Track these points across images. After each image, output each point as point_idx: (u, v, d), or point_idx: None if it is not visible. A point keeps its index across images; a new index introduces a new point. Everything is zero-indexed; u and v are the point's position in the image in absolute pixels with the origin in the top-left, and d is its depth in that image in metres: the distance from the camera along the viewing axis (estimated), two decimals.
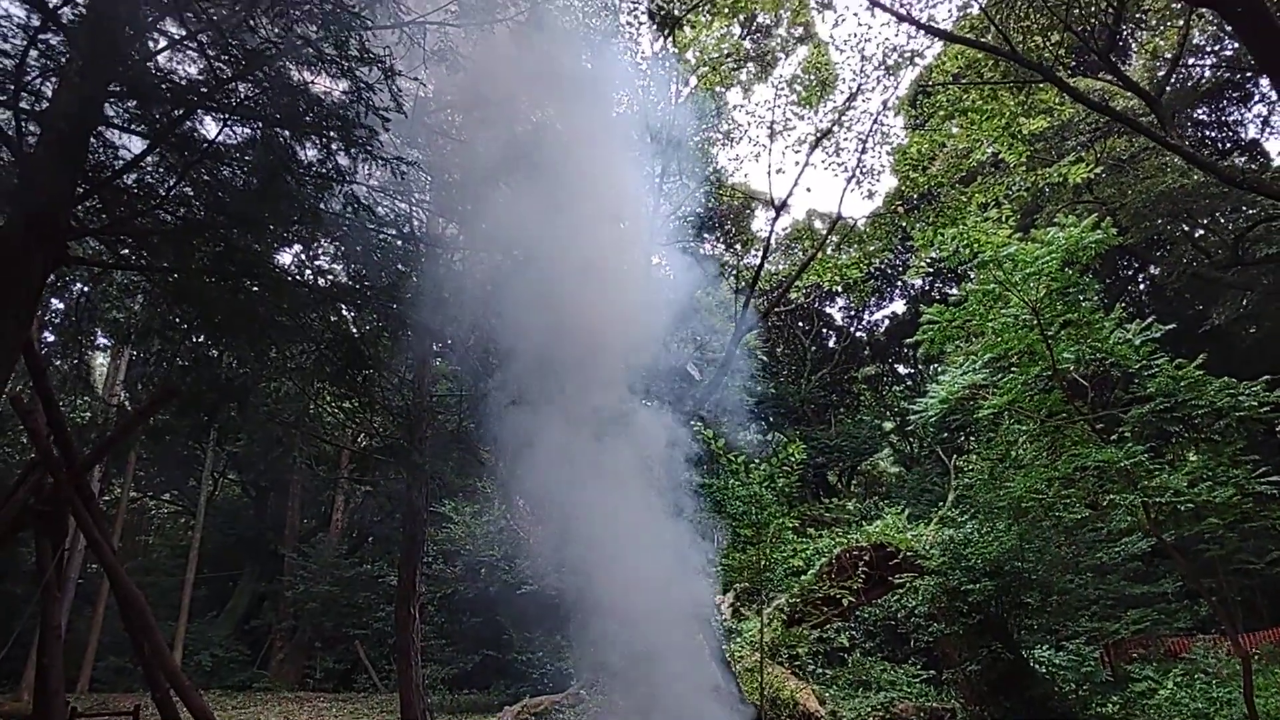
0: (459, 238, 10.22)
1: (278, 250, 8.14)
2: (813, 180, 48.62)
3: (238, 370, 8.07)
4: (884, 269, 25.36)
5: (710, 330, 18.64)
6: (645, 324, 9.13)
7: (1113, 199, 18.75)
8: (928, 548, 13.14)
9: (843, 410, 28.93)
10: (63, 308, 10.45)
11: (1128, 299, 22.17)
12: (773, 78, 16.60)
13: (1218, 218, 20.12)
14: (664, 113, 14.82)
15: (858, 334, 30.65)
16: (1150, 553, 13.95)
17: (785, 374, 28.04)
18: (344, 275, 8.24)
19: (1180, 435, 11.71)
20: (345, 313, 9.00)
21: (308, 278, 7.86)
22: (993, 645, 11.90)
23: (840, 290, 23.44)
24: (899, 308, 29.46)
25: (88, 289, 8.67)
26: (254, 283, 7.07)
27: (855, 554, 13.46)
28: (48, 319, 11.19)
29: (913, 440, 27.76)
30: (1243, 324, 20.72)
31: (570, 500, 8.24)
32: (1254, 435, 10.12)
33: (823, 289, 22.44)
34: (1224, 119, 20.83)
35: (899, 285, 28.18)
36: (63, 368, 10.20)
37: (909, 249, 21.06)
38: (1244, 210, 18.82)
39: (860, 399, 29.91)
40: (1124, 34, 16.27)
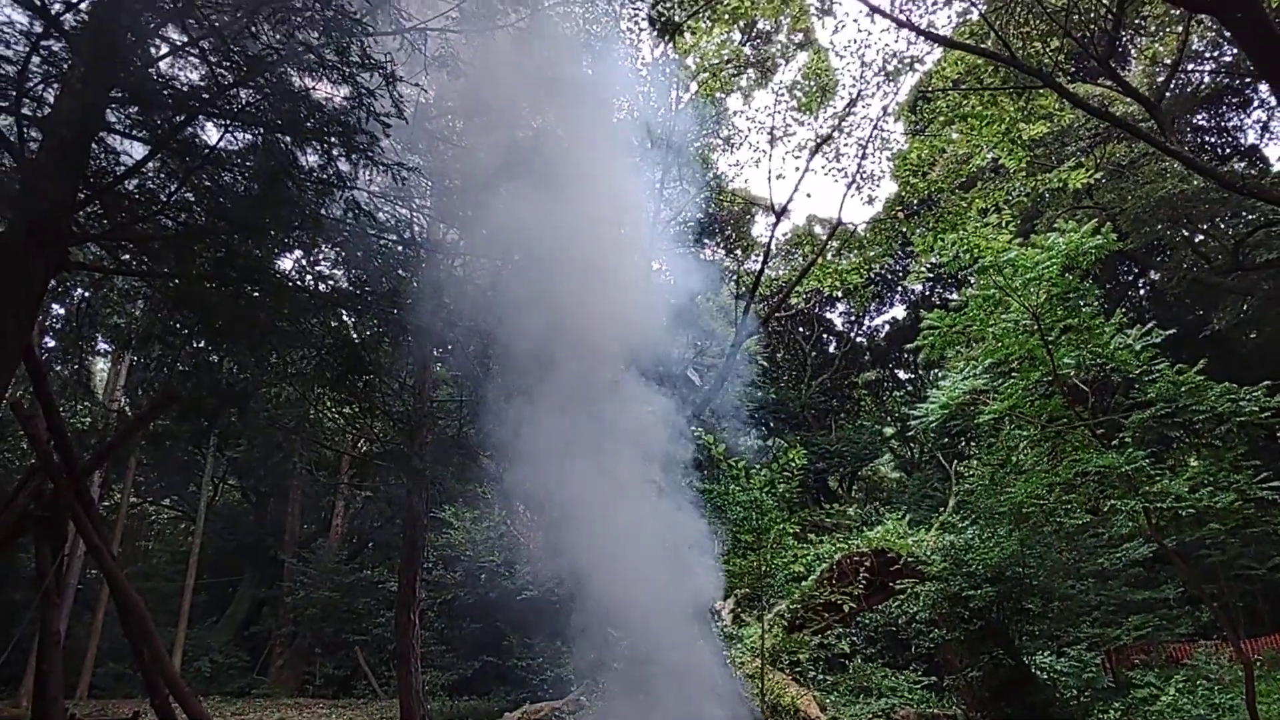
0: (460, 243, 10.23)
1: (279, 256, 8.15)
2: (813, 186, 48.46)
3: (238, 375, 8.06)
4: (884, 274, 25.40)
5: (710, 335, 18.65)
6: (645, 329, 9.14)
7: (1113, 204, 18.77)
8: (929, 553, 13.10)
9: (843, 415, 28.92)
10: (63, 313, 10.41)
11: (1128, 304, 22.17)
12: (773, 83, 16.67)
13: (1217, 223, 20.13)
14: (664, 118, 14.88)
15: (858, 339, 30.67)
16: (1152, 558, 13.91)
17: (786, 379, 28.01)
18: (345, 280, 8.24)
19: (1181, 440, 11.70)
20: (346, 318, 9.02)
21: (308, 283, 7.87)
22: (994, 651, 11.87)
23: (840, 295, 23.46)
24: (899, 313, 29.51)
25: (88, 294, 8.66)
26: (255, 288, 7.06)
27: (856, 560, 13.42)
28: (48, 324, 11.17)
29: (913, 445, 27.74)
30: (1243, 329, 20.74)
31: (570, 503, 8.24)
32: (1255, 440, 10.11)
33: (823, 294, 22.43)
34: (1223, 124, 20.88)
35: (899, 290, 28.22)
36: (63, 373, 10.21)
37: (909, 254, 21.06)
38: (1244, 215, 18.85)
39: (861, 404, 29.88)
40: (1123, 40, 16.31)
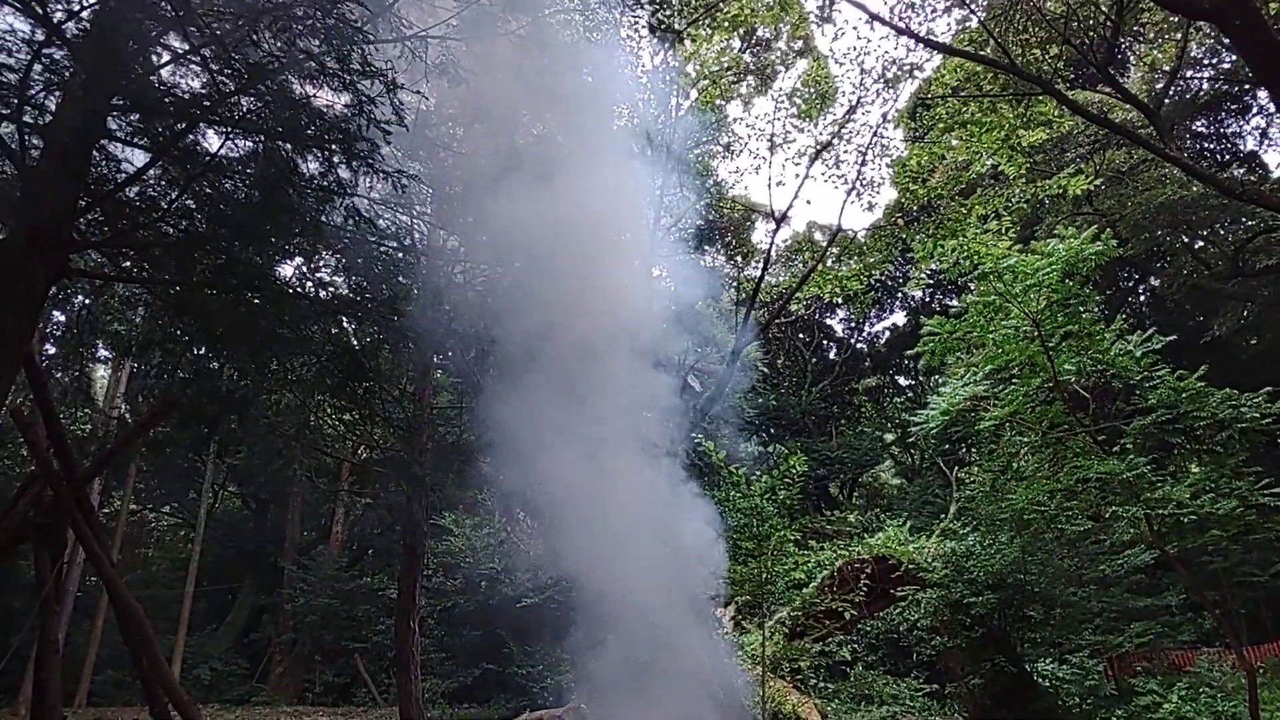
0: (460, 249, 10.24)
1: (279, 263, 8.16)
2: (813, 192, 48.48)
3: (238, 382, 8.06)
4: (884, 281, 25.36)
5: (711, 342, 18.66)
6: (645, 335, 9.14)
7: (1112, 210, 18.79)
8: (930, 560, 13.07)
9: (844, 422, 28.86)
10: (64, 320, 10.43)
11: (1128, 310, 22.15)
12: (772, 91, 16.73)
13: (1217, 229, 20.15)
14: (664, 125, 14.92)
15: (858, 346, 30.64)
16: (1153, 565, 13.88)
17: (786, 386, 27.98)
18: (345, 287, 8.23)
19: (1182, 447, 11.67)
20: (346, 325, 9.01)
21: (309, 290, 7.86)
22: (996, 659, 11.83)
23: (841, 302, 23.44)
24: (899, 319, 29.48)
25: (89, 301, 8.67)
26: (255, 295, 7.06)
27: (857, 567, 13.39)
28: (49, 331, 11.17)
29: (914, 452, 27.70)
30: (1244, 335, 20.72)
31: (569, 508, 8.23)
32: (1256, 447, 10.09)
33: (823, 301, 22.48)
34: (1222, 131, 20.90)
35: (899, 297, 28.19)
36: (64, 380, 10.23)
37: (909, 261, 21.10)
38: (1243, 222, 18.87)
39: (861, 411, 29.83)
40: (1122, 47, 16.34)
